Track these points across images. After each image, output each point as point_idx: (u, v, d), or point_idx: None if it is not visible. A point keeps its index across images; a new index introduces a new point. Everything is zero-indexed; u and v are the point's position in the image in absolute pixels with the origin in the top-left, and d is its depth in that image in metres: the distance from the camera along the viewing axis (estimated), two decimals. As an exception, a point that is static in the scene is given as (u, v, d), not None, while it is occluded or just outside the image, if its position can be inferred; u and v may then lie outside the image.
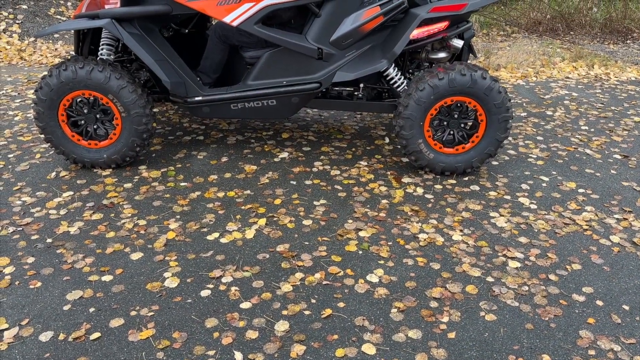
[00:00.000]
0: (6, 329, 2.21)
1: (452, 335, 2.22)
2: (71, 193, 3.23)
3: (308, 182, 3.42)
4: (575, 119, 4.65)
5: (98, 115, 3.38)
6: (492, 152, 3.41)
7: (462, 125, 3.39)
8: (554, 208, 3.19)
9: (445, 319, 2.30)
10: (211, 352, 2.11)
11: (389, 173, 3.55)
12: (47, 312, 2.31)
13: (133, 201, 3.16)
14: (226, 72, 3.81)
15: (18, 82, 5.35)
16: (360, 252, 2.75)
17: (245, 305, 2.36)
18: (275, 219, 3.02)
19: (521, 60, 6.25)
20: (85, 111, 3.37)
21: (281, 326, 2.25)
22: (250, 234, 2.87)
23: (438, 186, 3.40)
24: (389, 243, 2.82)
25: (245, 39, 3.46)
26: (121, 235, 2.84)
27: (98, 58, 3.37)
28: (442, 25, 3.34)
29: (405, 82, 3.52)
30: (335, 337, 2.20)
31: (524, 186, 3.43)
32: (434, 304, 2.39)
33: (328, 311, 2.33)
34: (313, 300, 2.40)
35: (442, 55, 3.57)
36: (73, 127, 3.42)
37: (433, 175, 3.52)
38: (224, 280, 2.52)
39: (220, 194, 3.26)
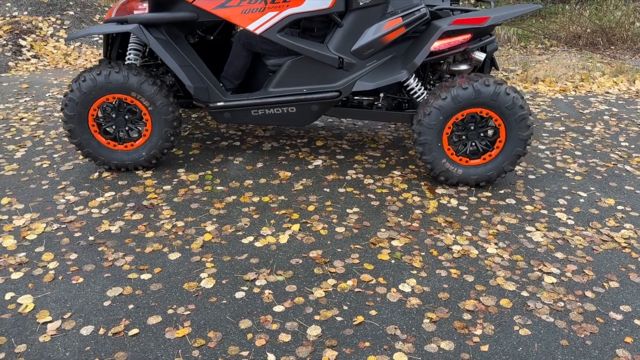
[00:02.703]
0: (49, 322, 2.30)
1: (485, 348, 2.20)
2: (113, 193, 3.34)
3: (341, 190, 3.45)
4: (615, 134, 4.56)
5: (127, 117, 3.47)
6: (521, 152, 3.35)
7: (482, 134, 3.37)
8: (591, 224, 3.13)
9: (479, 332, 2.29)
10: (245, 353, 2.15)
11: (422, 183, 3.55)
12: (88, 307, 2.39)
13: (172, 203, 3.25)
14: (249, 78, 3.87)
15: (64, 85, 5.55)
16: (393, 261, 2.75)
17: (279, 308, 2.40)
18: (308, 225, 3.05)
19: (560, 74, 6.16)
20: (114, 115, 3.46)
21: (313, 331, 2.27)
22: (284, 238, 2.91)
23: (473, 198, 3.38)
24: (422, 253, 2.82)
25: (268, 46, 3.52)
26: (160, 236, 2.92)
27: (125, 62, 3.46)
28: (464, 37, 3.34)
29: (426, 93, 3.53)
30: (367, 344, 2.21)
31: (561, 201, 3.38)
32: (467, 316, 2.38)
33: (360, 318, 2.35)
34: (345, 307, 2.42)
35: (463, 67, 3.57)
36: (105, 134, 3.51)
37: (468, 187, 3.50)
38: (258, 283, 2.56)
39: (255, 199, 3.32)
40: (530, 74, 6.15)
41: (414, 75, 3.48)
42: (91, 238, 2.89)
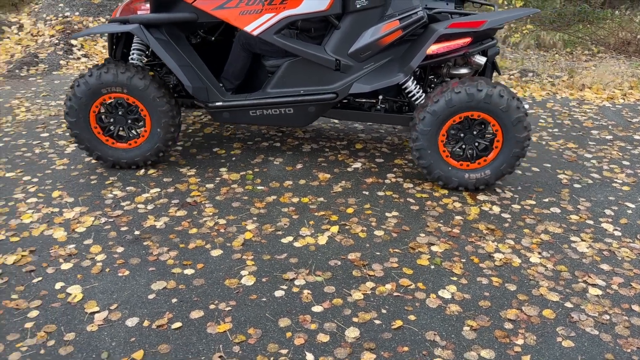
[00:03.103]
0: (97, 312, 2.38)
1: (526, 358, 2.16)
2: (158, 190, 3.43)
3: (380, 194, 3.45)
4: (666, 144, 4.40)
5: (120, 112, 3.51)
6: (522, 116, 3.20)
7: (475, 132, 3.32)
8: (639, 236, 3.04)
9: (520, 342, 2.25)
10: (284, 351, 2.18)
11: (463, 189, 3.51)
12: (133, 299, 2.46)
13: (214, 201, 3.32)
14: (250, 79, 3.90)
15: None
16: (433, 266, 2.73)
17: (317, 308, 2.42)
18: (347, 227, 3.07)
19: (608, 81, 5.99)
20: (112, 119, 3.52)
21: (352, 332, 2.28)
22: (322, 240, 2.93)
23: (516, 206, 3.33)
24: (463, 260, 2.79)
25: (267, 47, 3.52)
26: (203, 232, 2.98)
27: (128, 62, 3.52)
28: (463, 41, 3.30)
29: (425, 96, 3.49)
30: (406, 349, 2.21)
31: (607, 212, 3.29)
32: (508, 325, 2.34)
33: (398, 322, 2.34)
34: (383, 311, 2.42)
35: (464, 71, 3.53)
36: (121, 139, 3.58)
37: (511, 194, 3.44)
38: (297, 282, 2.59)
39: (295, 200, 3.35)
40: (576, 80, 6.00)
41: (412, 78, 3.46)
42: (137, 232, 2.97)
